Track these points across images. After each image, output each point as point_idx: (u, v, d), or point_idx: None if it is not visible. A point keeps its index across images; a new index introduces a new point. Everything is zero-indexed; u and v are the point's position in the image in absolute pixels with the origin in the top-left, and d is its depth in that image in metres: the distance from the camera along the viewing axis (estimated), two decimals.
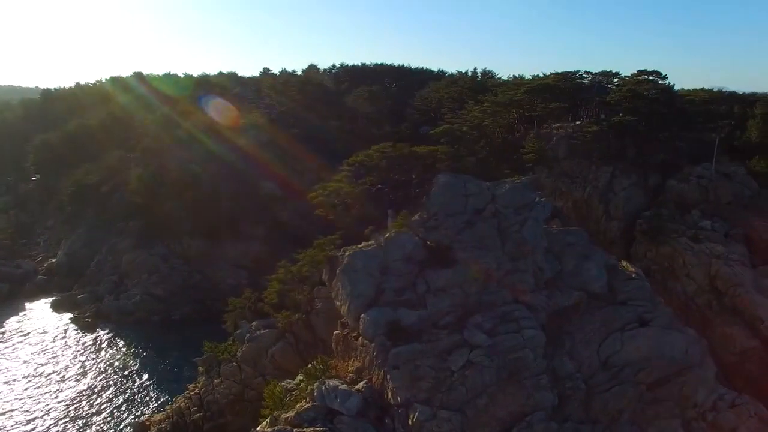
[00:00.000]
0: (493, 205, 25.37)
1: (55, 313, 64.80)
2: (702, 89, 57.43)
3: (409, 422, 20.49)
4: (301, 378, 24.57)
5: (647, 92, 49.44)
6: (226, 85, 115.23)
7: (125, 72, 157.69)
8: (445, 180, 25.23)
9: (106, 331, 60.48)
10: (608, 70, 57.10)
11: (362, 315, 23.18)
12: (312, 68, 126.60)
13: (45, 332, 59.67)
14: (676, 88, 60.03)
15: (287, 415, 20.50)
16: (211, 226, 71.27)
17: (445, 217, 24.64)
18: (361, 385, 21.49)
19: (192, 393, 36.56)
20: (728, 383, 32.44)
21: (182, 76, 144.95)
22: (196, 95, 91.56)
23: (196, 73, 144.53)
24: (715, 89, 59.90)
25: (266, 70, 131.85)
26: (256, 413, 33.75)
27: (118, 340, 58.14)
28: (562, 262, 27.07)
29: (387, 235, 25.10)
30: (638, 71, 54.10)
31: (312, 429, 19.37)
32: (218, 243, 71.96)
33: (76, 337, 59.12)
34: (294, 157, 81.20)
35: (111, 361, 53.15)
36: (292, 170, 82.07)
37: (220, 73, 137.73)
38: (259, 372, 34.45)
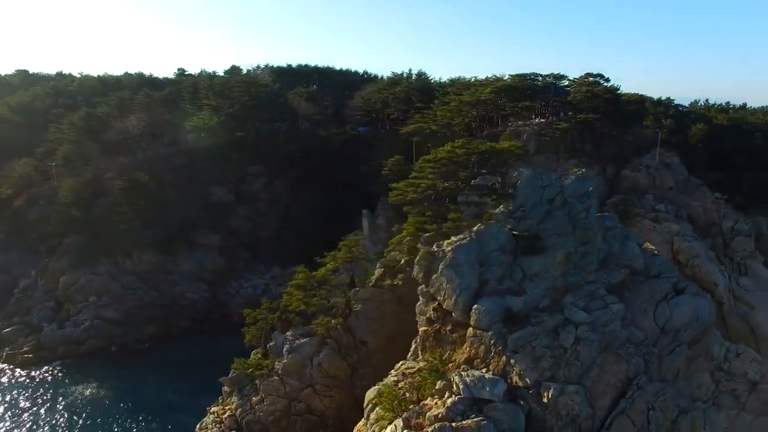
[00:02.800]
0: (562, 195, 27.70)
1: None
2: (635, 93, 66.34)
3: (544, 400, 21.88)
4: (406, 376, 24.62)
5: (602, 93, 55.99)
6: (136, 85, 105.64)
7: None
8: (528, 174, 26.97)
9: (56, 367, 52.79)
10: (557, 72, 63.23)
11: (475, 306, 23.99)
12: (235, 69, 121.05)
13: None
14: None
15: (436, 413, 20.60)
16: (163, 238, 65.74)
17: (531, 208, 26.42)
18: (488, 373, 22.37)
19: (224, 416, 34.06)
20: None
21: (78, 75, 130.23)
22: (122, 96, 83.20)
23: (94, 73, 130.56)
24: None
25: (182, 71, 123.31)
26: (308, 426, 32.80)
27: (75, 376, 50.96)
28: (608, 244, 30.31)
29: (477, 228, 26.10)
30: (586, 74, 60.82)
31: (473, 420, 19.83)
32: (172, 255, 66.65)
33: (18, 380, 50.68)
34: (243, 161, 77.65)
35: (74, 403, 46.06)
36: (242, 175, 78.50)
37: (127, 74, 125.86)
38: (305, 383, 33.18)
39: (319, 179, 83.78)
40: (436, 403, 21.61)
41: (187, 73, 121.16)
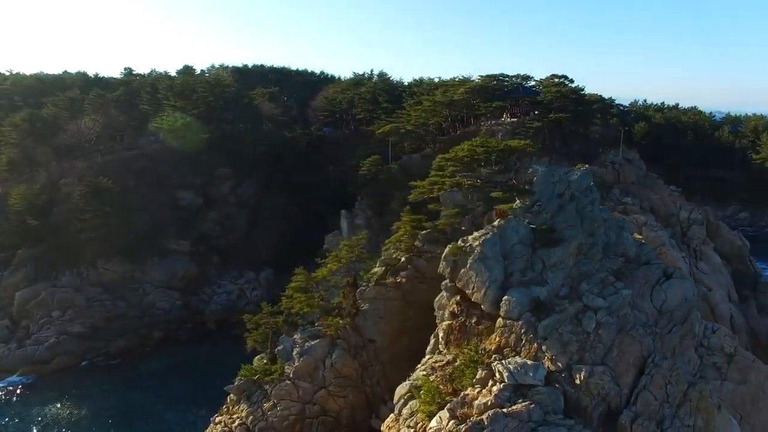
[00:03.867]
0: (570, 189, 29.32)
1: None
2: (595, 94, 70.65)
3: (577, 382, 23.17)
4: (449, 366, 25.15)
5: (569, 94, 59.22)
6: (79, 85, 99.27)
7: None
8: (542, 170, 28.30)
9: (19, 387, 48.94)
10: (523, 73, 66.14)
11: (505, 297, 24.91)
12: (188, 69, 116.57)
13: None
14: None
15: (484, 401, 21.23)
16: (129, 245, 62.49)
17: (546, 203, 27.78)
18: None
19: (233, 425, 33.07)
20: None
21: (8, 73, 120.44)
22: (73, 97, 77.99)
23: (28, 72, 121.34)
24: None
25: (129, 71, 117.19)
26: (324, 428, 32.65)
27: (47, 395, 47.41)
28: (607, 235, 32.38)
29: (498, 223, 27.09)
30: (551, 75, 64.04)
31: (522, 405, 20.67)
32: (140, 263, 63.48)
33: None
34: (210, 163, 75.14)
35: (53, 423, 43.06)
36: (210, 178, 75.91)
37: (67, 73, 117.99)
38: (318, 385, 32.88)
39: (286, 181, 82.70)
40: (479, 392, 22.34)
41: (135, 72, 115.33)
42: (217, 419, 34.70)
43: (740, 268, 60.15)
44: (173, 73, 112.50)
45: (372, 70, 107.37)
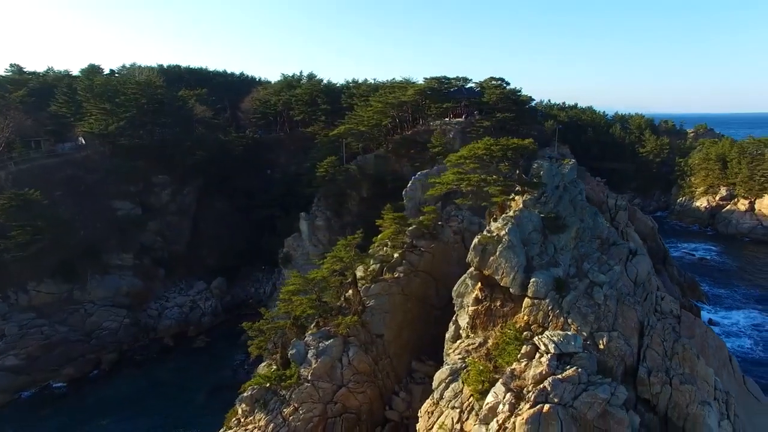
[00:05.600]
0: (563, 181, 32.88)
1: None
2: (526, 95, 77.13)
3: (601, 347, 26.45)
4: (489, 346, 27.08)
5: (510, 95, 64.41)
6: None
7: None
8: (547, 165, 31.33)
9: None
10: (461, 75, 70.45)
11: (532, 279, 27.47)
12: (94, 68, 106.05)
13: None
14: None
15: (537, 371, 23.48)
16: (65, 263, 56.61)
17: (550, 194, 30.91)
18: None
19: None
20: None
21: None
22: None
23: None
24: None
25: (18, 68, 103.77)
26: (347, 425, 33.11)
27: None
28: (583, 220, 36.69)
29: (514, 213, 29.59)
30: (489, 77, 69.00)
31: (572, 370, 23.22)
32: (79, 282, 57.70)
33: None
34: (146, 170, 69.88)
35: None
36: (146, 185, 70.58)
37: None
38: (337, 384, 33.21)
39: (224, 186, 79.53)
40: (527, 365, 24.68)
41: (27, 71, 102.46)
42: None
43: (653, 245, 69.86)
44: (75, 72, 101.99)
45: (301, 72, 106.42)
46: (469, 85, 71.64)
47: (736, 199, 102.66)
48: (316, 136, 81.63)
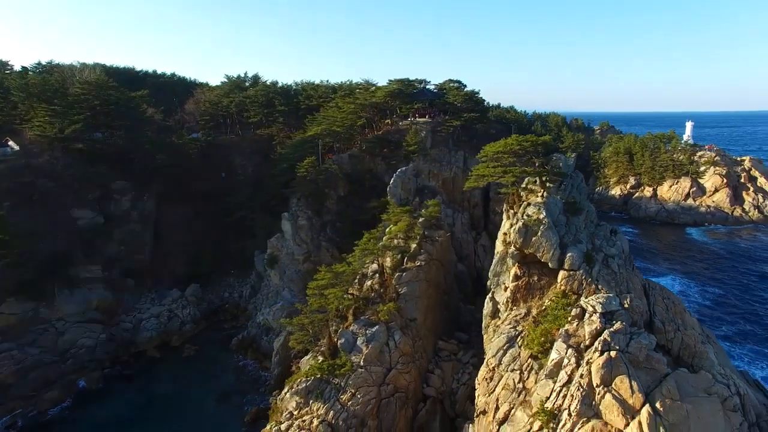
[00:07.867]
0: (569, 171, 38.08)
1: None
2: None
3: (625, 306, 31.63)
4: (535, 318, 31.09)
5: (472, 96, 69.87)
6: None
7: None
8: (563, 158, 36.06)
9: None
10: (421, 78, 74.84)
11: (568, 254, 31.97)
12: (2, 64, 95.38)
13: None
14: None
15: (591, 328, 27.83)
16: (27, 280, 52.17)
17: (567, 183, 35.79)
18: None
19: (313, 425, 32.94)
20: None
21: None
22: None
23: None
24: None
25: None
26: (399, 404, 35.61)
27: None
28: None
29: (542, 199, 33.90)
30: (448, 80, 74.09)
31: (619, 323, 28.02)
32: (46, 299, 53.43)
33: None
34: (103, 176, 65.53)
35: None
36: (105, 192, 66.12)
37: None
38: (386, 367, 35.44)
39: (181, 190, 76.69)
40: (578, 324, 29.15)
41: None
42: (288, 424, 34.12)
43: None
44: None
45: (246, 73, 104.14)
46: (429, 86, 76.20)
47: (642, 187, 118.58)
48: (275, 138, 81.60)
